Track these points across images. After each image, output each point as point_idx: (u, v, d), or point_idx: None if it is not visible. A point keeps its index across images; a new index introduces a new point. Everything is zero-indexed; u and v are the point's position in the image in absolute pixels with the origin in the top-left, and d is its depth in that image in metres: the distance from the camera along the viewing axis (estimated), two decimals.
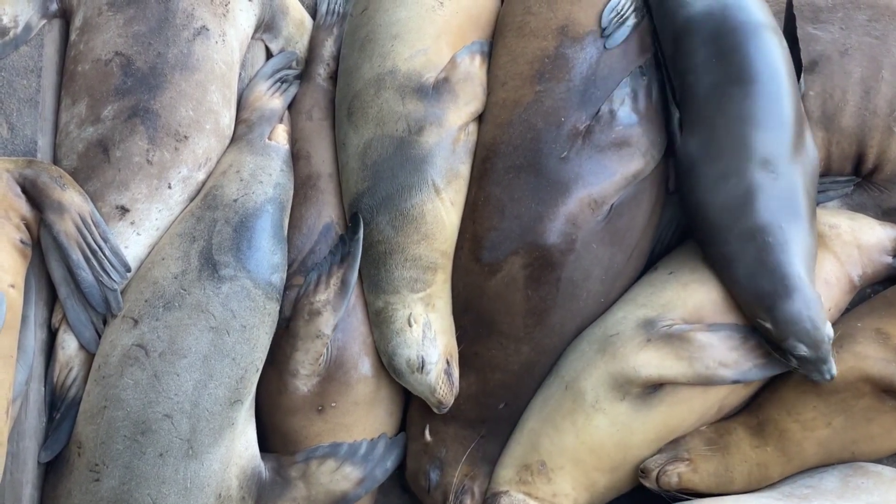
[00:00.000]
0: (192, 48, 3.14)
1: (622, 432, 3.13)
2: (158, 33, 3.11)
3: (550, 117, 3.23)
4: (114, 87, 3.08)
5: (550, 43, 3.33)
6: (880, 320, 3.22)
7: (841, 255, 3.30)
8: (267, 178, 3.27)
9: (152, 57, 3.09)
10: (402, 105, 3.28)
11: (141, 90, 3.08)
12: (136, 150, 3.06)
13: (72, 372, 3.06)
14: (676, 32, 3.27)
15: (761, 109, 3.10)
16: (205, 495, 2.95)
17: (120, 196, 3.06)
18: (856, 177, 3.47)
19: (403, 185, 3.24)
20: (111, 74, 3.08)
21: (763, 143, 3.08)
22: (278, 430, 3.30)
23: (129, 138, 3.05)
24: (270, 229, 3.20)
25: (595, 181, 3.18)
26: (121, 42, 3.09)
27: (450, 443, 3.34)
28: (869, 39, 3.41)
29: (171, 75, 3.10)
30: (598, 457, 3.16)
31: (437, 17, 3.39)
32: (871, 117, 3.37)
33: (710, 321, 3.11)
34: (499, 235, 3.21)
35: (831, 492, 3.07)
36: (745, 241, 3.05)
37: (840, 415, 3.11)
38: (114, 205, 3.06)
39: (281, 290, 3.20)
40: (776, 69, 3.14)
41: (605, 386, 3.12)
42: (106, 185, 3.06)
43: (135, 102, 3.06)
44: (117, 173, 3.06)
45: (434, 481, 3.34)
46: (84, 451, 2.95)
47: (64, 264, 3.02)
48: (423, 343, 3.22)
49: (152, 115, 3.06)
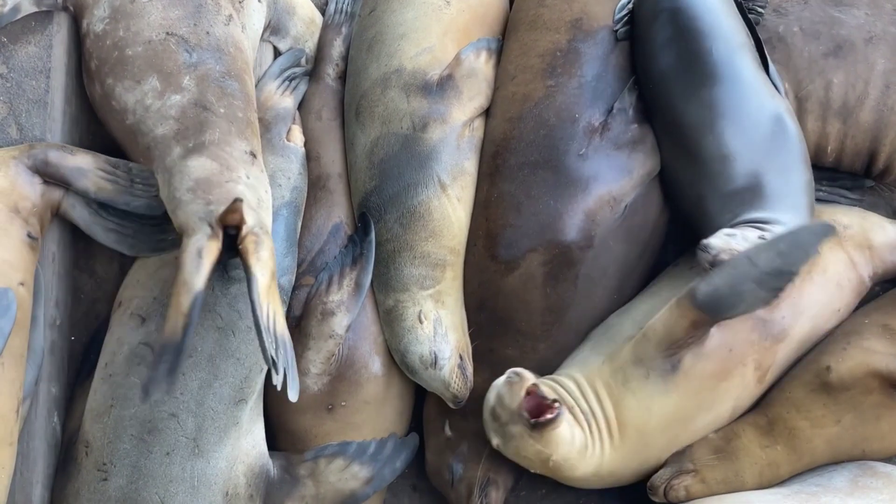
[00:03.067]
0: (229, 30, 3.16)
1: (644, 417, 3.10)
2: (199, 17, 3.12)
3: (563, 113, 3.22)
4: (182, 61, 3.05)
5: (563, 36, 3.33)
6: (887, 316, 3.23)
7: (853, 256, 3.29)
8: (285, 181, 3.29)
9: (203, 35, 3.10)
10: (406, 103, 3.29)
11: (209, 62, 3.06)
12: (236, 107, 3.03)
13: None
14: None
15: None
16: (212, 493, 2.96)
17: (243, 143, 2.97)
18: (867, 180, 3.43)
19: (409, 182, 3.25)
20: (172, 51, 3.06)
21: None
22: (287, 429, 3.30)
23: (224, 98, 3.02)
24: (283, 232, 3.21)
25: (615, 179, 3.19)
26: (168, 24, 3.08)
27: (471, 436, 3.33)
28: (894, 30, 3.30)
29: (227, 49, 3.11)
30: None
31: (443, 15, 3.41)
32: (889, 114, 3.27)
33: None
34: (515, 232, 3.21)
35: (840, 490, 3.05)
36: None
37: (849, 412, 3.10)
38: (243, 150, 2.96)
39: (288, 291, 3.21)
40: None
41: (630, 365, 3.08)
42: (227, 134, 2.95)
43: (208, 71, 3.04)
44: (231, 124, 2.98)
45: (458, 474, 3.34)
46: (91, 451, 2.96)
47: (111, 220, 3.09)
48: (435, 339, 3.22)
49: (231, 79, 3.06)
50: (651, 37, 3.27)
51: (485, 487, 3.30)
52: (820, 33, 3.31)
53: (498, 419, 3.05)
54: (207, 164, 2.87)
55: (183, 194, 2.83)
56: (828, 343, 3.23)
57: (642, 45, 3.31)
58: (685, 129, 3.16)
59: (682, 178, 3.22)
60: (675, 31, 3.20)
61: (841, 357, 3.12)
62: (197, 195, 2.81)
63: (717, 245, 2.90)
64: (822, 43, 3.29)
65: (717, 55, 3.14)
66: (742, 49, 3.18)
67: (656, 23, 3.25)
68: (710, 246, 2.90)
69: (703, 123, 3.12)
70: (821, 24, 3.31)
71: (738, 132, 3.08)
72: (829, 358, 3.14)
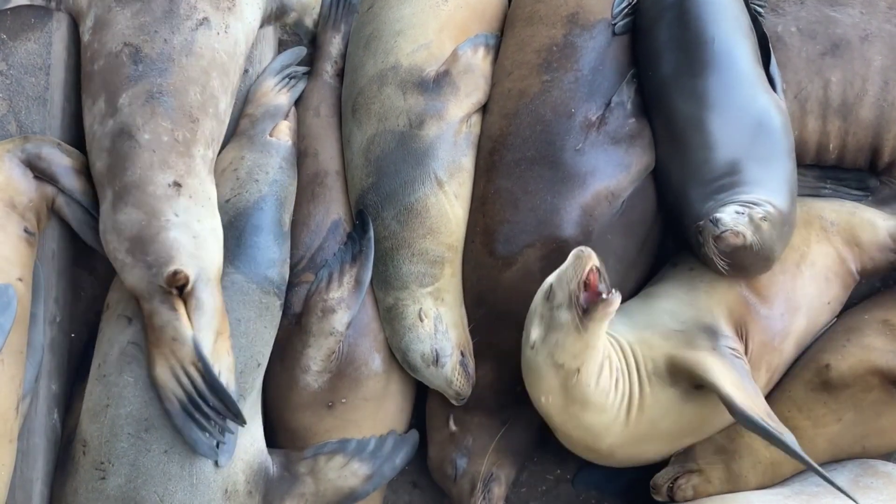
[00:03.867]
0: (195, 36, 3.13)
1: (658, 415, 3.07)
2: (163, 22, 3.10)
3: (559, 108, 3.22)
4: (126, 75, 3.04)
5: (559, 31, 3.31)
6: (887, 312, 3.23)
7: (841, 252, 3.28)
8: (263, 175, 3.27)
9: (159, 44, 3.08)
10: (403, 99, 3.29)
11: (152, 74, 3.04)
12: (162, 129, 3.01)
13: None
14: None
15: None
16: (211, 491, 2.95)
17: (166, 175, 2.97)
18: (872, 179, 3.44)
19: (406, 179, 3.24)
20: (122, 64, 3.06)
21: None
22: (287, 427, 3.30)
23: (152, 120, 3.01)
24: (265, 225, 3.19)
25: (612, 173, 3.18)
26: (129, 33, 3.08)
27: (475, 431, 3.33)
28: (889, 27, 3.33)
29: (179, 59, 3.09)
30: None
31: (440, 12, 3.39)
32: (890, 109, 3.30)
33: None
34: (513, 228, 3.20)
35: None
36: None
37: (850, 410, 3.10)
38: (165, 184, 2.96)
39: (280, 285, 3.19)
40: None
41: (662, 368, 3.05)
42: (148, 169, 2.96)
43: (148, 87, 3.03)
44: (153, 154, 2.98)
45: (461, 469, 3.33)
46: (89, 450, 2.95)
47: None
48: (436, 336, 3.22)
49: (167, 96, 3.04)
50: (656, 22, 3.26)
51: (488, 482, 3.30)
52: (816, 33, 3.34)
53: (551, 300, 2.93)
54: (134, 215, 2.92)
55: (124, 257, 2.92)
56: (827, 341, 3.23)
57: (645, 31, 3.30)
58: (677, 117, 3.16)
59: (670, 167, 3.21)
60: (682, 16, 3.20)
61: (841, 355, 3.13)
62: (136, 258, 2.91)
63: (727, 222, 2.88)
64: (819, 42, 3.33)
65: (719, 45, 3.14)
66: (744, 42, 3.18)
67: (663, 9, 3.25)
68: (721, 221, 2.88)
69: (695, 113, 3.12)
70: (817, 23, 3.34)
71: (724, 123, 3.09)
72: (829, 356, 3.15)
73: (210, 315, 2.91)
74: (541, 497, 3.57)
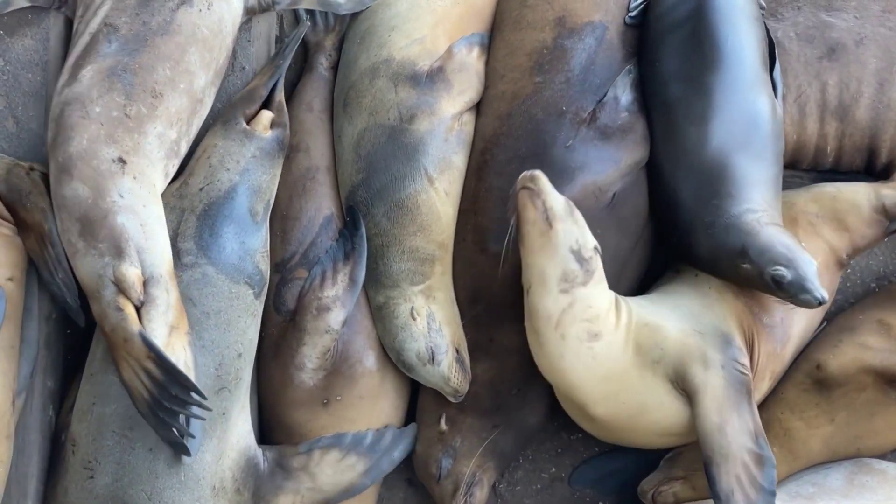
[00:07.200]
0: (174, 16, 3.10)
1: (648, 402, 3.05)
2: (146, 5, 3.09)
3: (550, 107, 3.21)
4: (97, 52, 3.02)
5: (548, 35, 3.31)
6: (882, 311, 3.22)
7: (831, 241, 3.25)
8: (234, 164, 3.21)
9: (137, 25, 3.05)
10: (394, 93, 3.27)
11: (121, 53, 3.02)
12: (114, 105, 2.97)
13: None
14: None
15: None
16: (200, 488, 2.94)
17: (110, 149, 2.93)
18: (867, 178, 3.42)
19: (397, 175, 3.23)
20: (97, 42, 3.04)
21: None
22: (282, 424, 3.30)
23: (107, 94, 2.97)
24: (235, 216, 3.14)
25: (601, 169, 3.17)
26: (112, 15, 3.06)
27: (465, 433, 3.32)
28: (883, 30, 3.40)
29: (152, 39, 3.06)
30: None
31: (436, 7, 3.38)
32: (886, 111, 3.35)
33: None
34: (505, 226, 3.18)
35: (836, 490, 3.06)
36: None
37: (843, 410, 3.10)
38: (110, 159, 2.92)
39: (253, 275, 3.13)
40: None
41: (669, 368, 3.03)
42: (93, 141, 2.92)
43: (113, 63, 2.99)
44: (100, 127, 2.94)
45: (446, 469, 3.32)
46: (78, 449, 2.94)
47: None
48: (430, 334, 3.21)
49: (129, 73, 3.00)
50: (671, 13, 3.26)
51: (471, 486, 3.29)
52: (813, 37, 3.40)
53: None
54: (80, 190, 2.87)
55: (76, 240, 2.86)
56: (819, 341, 3.23)
57: (658, 22, 3.29)
58: (678, 109, 3.16)
59: (662, 160, 3.21)
60: (700, 12, 3.20)
61: (832, 354, 3.14)
62: (88, 243, 2.84)
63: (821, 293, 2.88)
64: (816, 47, 3.39)
65: (731, 44, 3.14)
66: (755, 46, 3.19)
67: (680, 1, 3.25)
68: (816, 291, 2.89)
69: (696, 111, 3.12)
70: (814, 28, 3.41)
71: (723, 120, 3.09)
72: (821, 355, 3.15)
73: (162, 309, 2.84)
74: (536, 495, 3.56)
